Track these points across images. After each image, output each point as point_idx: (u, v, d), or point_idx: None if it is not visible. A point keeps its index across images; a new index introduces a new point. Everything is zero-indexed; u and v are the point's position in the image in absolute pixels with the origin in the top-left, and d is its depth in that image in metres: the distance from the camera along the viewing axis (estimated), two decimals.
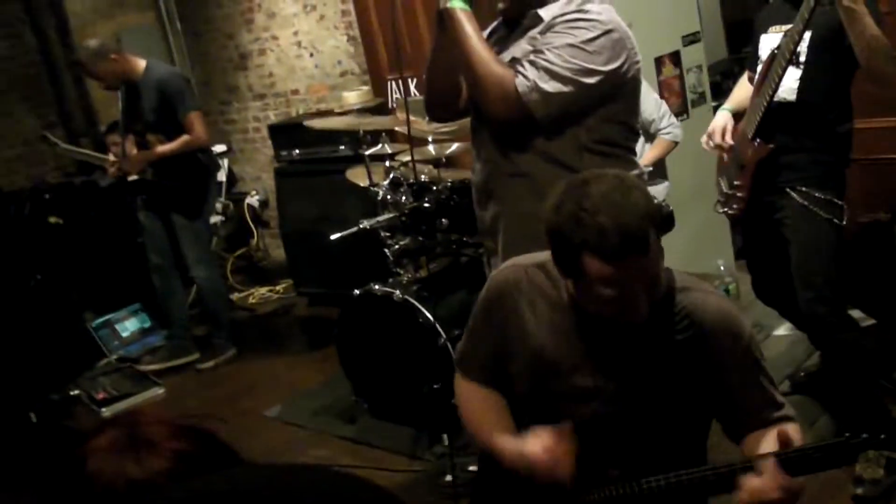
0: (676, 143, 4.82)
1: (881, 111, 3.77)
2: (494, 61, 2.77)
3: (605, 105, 2.81)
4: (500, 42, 2.96)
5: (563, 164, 2.80)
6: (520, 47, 2.85)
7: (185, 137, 5.43)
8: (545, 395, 2.24)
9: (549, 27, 2.77)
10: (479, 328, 2.37)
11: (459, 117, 3.24)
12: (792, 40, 3.11)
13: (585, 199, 1.95)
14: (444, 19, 2.87)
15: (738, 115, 3.63)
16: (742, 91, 3.73)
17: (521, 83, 2.71)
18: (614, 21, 2.75)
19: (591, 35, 2.70)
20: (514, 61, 2.79)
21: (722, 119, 3.62)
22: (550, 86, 2.70)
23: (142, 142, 5.58)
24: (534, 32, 2.82)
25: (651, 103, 4.77)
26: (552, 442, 2.11)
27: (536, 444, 2.12)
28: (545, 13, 2.81)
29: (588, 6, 2.76)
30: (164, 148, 5.47)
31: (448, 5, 2.83)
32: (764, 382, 2.15)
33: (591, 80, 2.72)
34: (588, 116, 2.81)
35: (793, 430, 2.08)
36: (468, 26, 2.80)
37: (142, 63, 5.47)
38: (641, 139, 4.83)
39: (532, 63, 2.72)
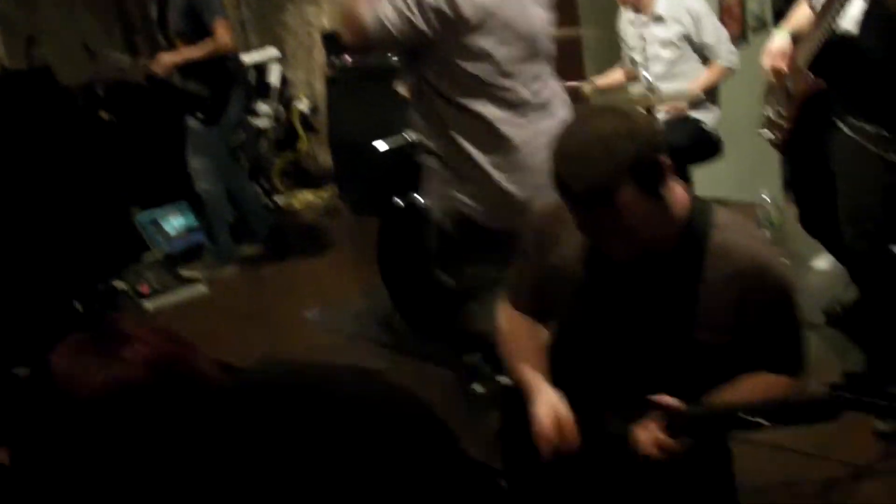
0: (732, 71, 4.76)
1: None
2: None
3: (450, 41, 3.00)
4: None
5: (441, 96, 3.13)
6: None
7: (210, 43, 5.45)
8: (581, 323, 2.27)
9: None
10: (524, 256, 2.39)
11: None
12: None
13: (567, 140, 1.97)
14: None
15: (796, 39, 3.57)
16: (801, 13, 3.65)
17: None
18: None
19: None
20: None
21: (781, 41, 3.51)
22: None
23: (171, 48, 5.60)
24: None
25: (710, 28, 4.71)
26: (559, 416, 2.19)
27: (546, 412, 2.21)
28: None
29: None
30: (189, 52, 5.49)
31: None
32: (781, 332, 2.12)
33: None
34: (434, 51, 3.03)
35: (781, 381, 2.09)
36: None
37: None
38: (698, 62, 4.77)
39: None
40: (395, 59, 6.03)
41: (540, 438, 2.20)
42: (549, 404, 2.23)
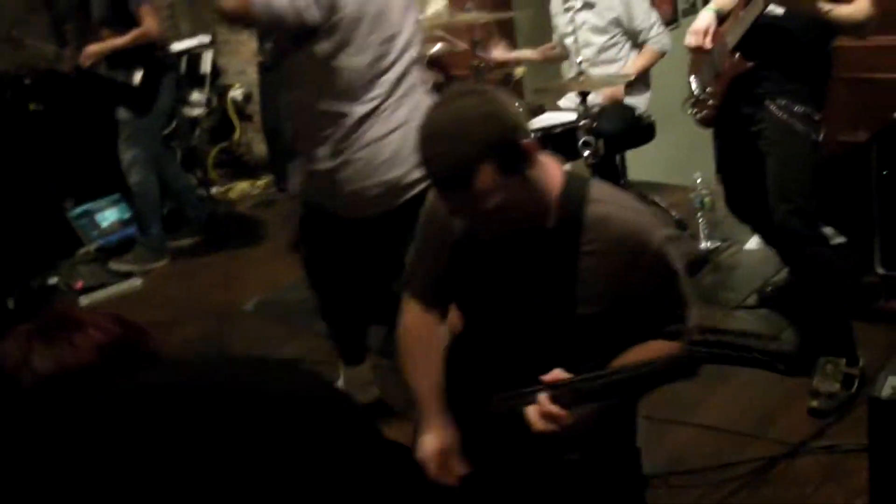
0: (664, 54, 4.79)
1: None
2: None
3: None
4: None
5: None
6: None
7: (136, 31, 5.37)
8: (475, 306, 2.33)
9: None
10: (420, 246, 2.41)
11: None
12: None
13: (430, 122, 2.03)
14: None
15: (723, 18, 3.62)
16: None
17: None
18: None
19: None
20: None
21: (706, 20, 3.55)
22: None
23: (97, 37, 5.51)
24: None
25: (640, 12, 4.74)
26: (444, 449, 2.24)
27: (431, 446, 2.25)
28: None
29: None
30: (115, 42, 5.40)
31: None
32: (664, 295, 2.18)
33: None
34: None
35: (657, 348, 2.12)
36: None
37: None
38: (630, 46, 4.80)
39: None
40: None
41: (425, 461, 2.24)
42: (436, 436, 2.27)
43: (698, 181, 4.72)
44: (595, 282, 2.12)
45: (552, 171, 2.14)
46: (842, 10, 3.19)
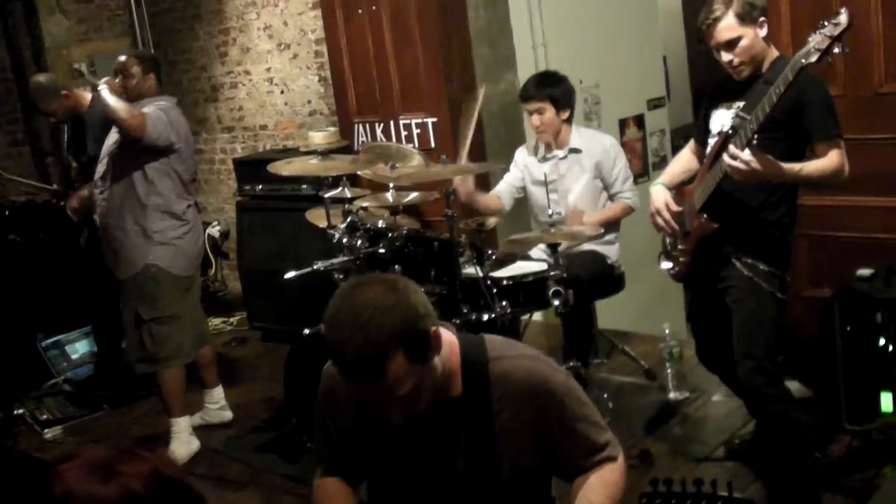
0: (633, 210, 4.90)
1: (829, 191, 3.88)
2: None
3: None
4: None
5: None
6: None
7: None
8: (387, 479, 2.32)
9: None
10: (318, 423, 2.41)
11: None
12: (753, 123, 3.19)
13: (338, 311, 1.98)
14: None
15: (681, 184, 3.76)
16: (678, 165, 3.86)
17: None
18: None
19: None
20: None
21: (662, 197, 3.69)
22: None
23: (88, 173, 5.56)
24: None
25: (620, 166, 4.85)
26: None
27: None
28: None
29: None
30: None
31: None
32: (582, 430, 2.20)
33: None
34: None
35: (608, 472, 2.19)
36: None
37: (88, 96, 5.47)
38: (603, 196, 4.90)
39: None
40: (304, 187, 6.12)
41: None
42: None
43: (667, 332, 4.78)
44: (513, 435, 2.16)
45: (449, 339, 2.17)
46: (812, 166, 3.31)
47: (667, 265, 3.84)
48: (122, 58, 4.83)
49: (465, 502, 2.20)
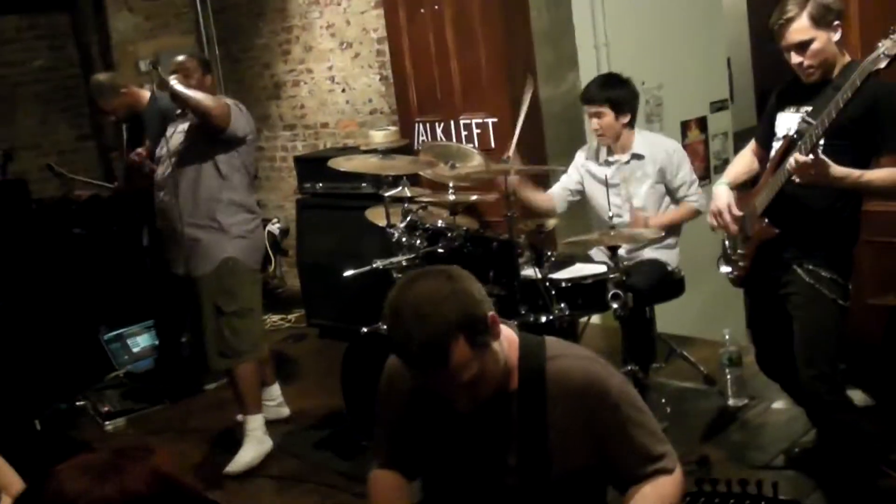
0: (699, 213, 4.83)
1: None
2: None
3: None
4: None
5: None
6: None
7: None
8: (443, 472, 2.35)
9: None
10: (380, 415, 2.46)
11: None
12: (818, 128, 3.13)
13: (398, 304, 2.07)
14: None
15: (743, 185, 3.71)
16: (741, 166, 3.80)
17: None
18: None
19: None
20: None
21: (725, 197, 3.65)
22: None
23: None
24: None
25: (685, 169, 4.80)
26: None
27: None
28: None
29: None
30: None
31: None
32: (638, 437, 2.19)
33: None
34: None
35: (664, 484, 2.16)
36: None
37: (146, 93, 5.54)
38: (667, 200, 4.85)
39: None
40: (364, 185, 6.15)
41: None
42: None
43: (727, 337, 4.72)
44: (566, 434, 2.17)
45: (509, 336, 2.23)
46: (874, 175, 3.25)
47: (726, 269, 3.80)
48: (182, 58, 4.87)
49: (516, 500, 2.21)
